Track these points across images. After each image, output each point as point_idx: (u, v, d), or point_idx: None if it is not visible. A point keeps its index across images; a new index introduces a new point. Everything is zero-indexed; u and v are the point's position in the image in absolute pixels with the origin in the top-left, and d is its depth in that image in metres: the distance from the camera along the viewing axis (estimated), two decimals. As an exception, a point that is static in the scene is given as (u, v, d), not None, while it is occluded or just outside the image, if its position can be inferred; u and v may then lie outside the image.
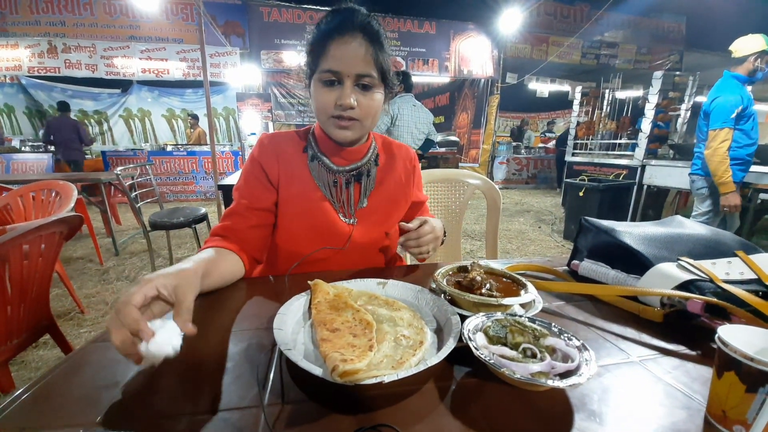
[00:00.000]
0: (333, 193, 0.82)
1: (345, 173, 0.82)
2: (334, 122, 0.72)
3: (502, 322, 0.48)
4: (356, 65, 0.68)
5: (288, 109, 7.28)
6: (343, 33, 0.68)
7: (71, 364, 0.47)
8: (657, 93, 3.68)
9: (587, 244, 0.78)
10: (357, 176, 0.83)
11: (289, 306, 0.56)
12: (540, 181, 8.23)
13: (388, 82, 0.75)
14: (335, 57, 0.68)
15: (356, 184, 0.83)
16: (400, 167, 0.90)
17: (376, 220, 0.85)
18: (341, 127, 0.73)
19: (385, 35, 0.72)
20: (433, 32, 7.26)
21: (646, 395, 0.42)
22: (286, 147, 0.82)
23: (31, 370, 1.60)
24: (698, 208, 2.52)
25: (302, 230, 0.81)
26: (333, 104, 0.70)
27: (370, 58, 0.69)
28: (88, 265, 2.90)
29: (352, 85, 0.70)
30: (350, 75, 0.69)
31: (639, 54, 8.28)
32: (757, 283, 0.59)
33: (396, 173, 0.89)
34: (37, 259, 1.10)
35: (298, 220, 0.81)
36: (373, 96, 0.73)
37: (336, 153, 0.81)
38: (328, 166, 0.81)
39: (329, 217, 0.81)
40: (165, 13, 5.98)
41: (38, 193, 2.05)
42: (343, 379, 0.38)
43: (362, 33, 0.68)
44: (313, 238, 0.80)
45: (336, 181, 0.81)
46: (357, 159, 0.83)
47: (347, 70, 0.68)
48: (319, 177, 0.81)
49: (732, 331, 0.38)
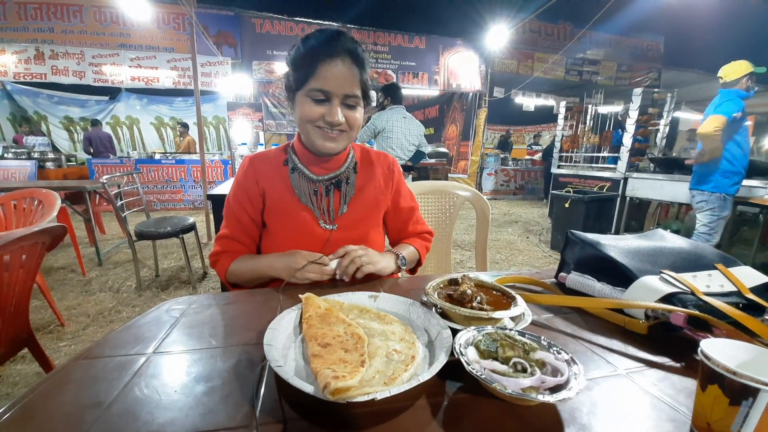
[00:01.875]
0: (313, 201, 0.85)
1: (324, 182, 0.86)
2: (320, 133, 0.78)
3: (493, 336, 0.49)
4: (344, 86, 0.75)
5: (279, 119, 7.29)
6: (333, 56, 0.73)
7: (54, 382, 0.45)
8: (637, 108, 3.82)
9: (574, 256, 0.80)
10: (336, 184, 0.87)
11: (280, 320, 0.56)
12: (527, 192, 8.38)
13: (368, 99, 0.82)
14: (325, 78, 0.73)
15: (336, 192, 0.87)
16: (379, 173, 0.94)
17: (356, 224, 0.88)
18: (330, 138, 0.79)
19: (367, 59, 0.80)
20: (422, 47, 7.42)
21: (634, 408, 0.42)
22: (266, 166, 0.88)
23: (8, 385, 1.53)
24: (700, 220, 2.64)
25: (284, 240, 0.85)
26: (319, 116, 0.76)
27: (356, 79, 0.76)
28: (70, 276, 2.81)
29: (339, 104, 0.76)
30: (338, 95, 0.75)
31: (620, 71, 8.61)
32: (737, 296, 0.61)
33: (375, 179, 0.93)
34: (17, 270, 1.06)
35: (280, 230, 0.85)
36: (357, 111, 0.80)
37: (315, 163, 0.86)
38: (308, 176, 0.85)
39: (309, 225, 0.84)
40: (156, 21, 5.96)
41: (20, 202, 1.99)
42: (335, 397, 0.38)
43: (350, 56, 0.75)
44: (294, 246, 0.83)
45: (316, 189, 0.86)
46: (335, 168, 0.87)
47: (336, 90, 0.74)
48: (299, 187, 0.85)
49: (714, 344, 0.39)
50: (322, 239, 0.85)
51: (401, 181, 0.99)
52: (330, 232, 0.86)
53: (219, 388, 0.44)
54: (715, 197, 2.49)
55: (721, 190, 2.46)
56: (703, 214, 2.60)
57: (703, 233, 2.59)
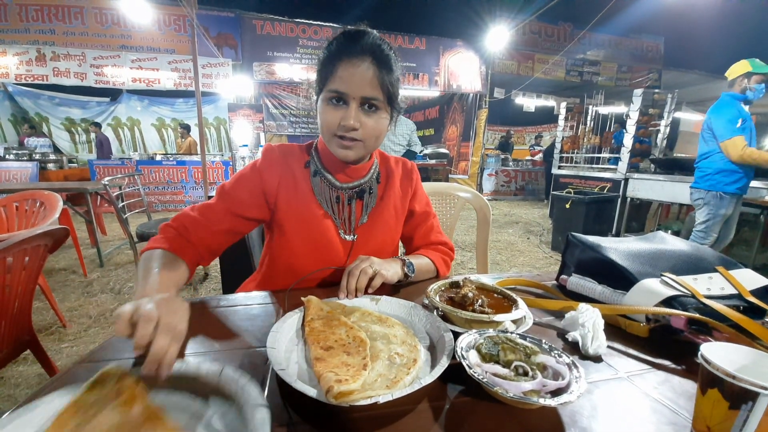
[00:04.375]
0: (335, 209, 0.81)
1: (348, 190, 0.82)
2: (337, 141, 0.72)
3: (495, 340, 0.49)
4: (363, 88, 0.68)
5: (280, 120, 7.31)
6: (352, 55, 0.68)
7: (57, 385, 0.45)
8: (637, 109, 3.82)
9: (574, 259, 0.80)
10: (359, 193, 0.83)
11: (282, 324, 0.56)
12: (528, 192, 8.38)
13: (394, 105, 0.75)
14: (342, 78, 0.68)
15: (358, 201, 0.83)
16: (398, 180, 0.90)
17: (376, 235, 0.85)
18: (343, 147, 0.73)
19: (396, 59, 0.72)
20: (423, 48, 7.43)
21: (634, 411, 0.43)
22: (290, 161, 0.82)
23: (10, 387, 1.54)
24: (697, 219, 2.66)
25: (302, 246, 0.80)
26: (337, 123, 0.70)
27: (376, 81, 0.69)
28: (71, 277, 2.81)
29: (357, 107, 0.70)
30: (356, 97, 0.69)
31: (620, 72, 8.61)
32: (738, 298, 0.61)
33: (395, 188, 0.89)
34: (20, 272, 1.07)
35: (298, 236, 0.80)
36: (378, 118, 0.72)
37: (340, 170, 0.81)
38: (331, 183, 0.81)
39: (329, 234, 0.81)
40: (157, 23, 5.99)
41: (22, 203, 2.00)
42: (338, 401, 0.38)
43: (371, 56, 0.68)
44: (313, 254, 0.80)
45: (339, 197, 0.81)
46: (360, 176, 0.83)
47: (353, 92, 0.68)
48: (321, 193, 0.81)
49: (715, 348, 0.39)
50: (341, 249, 0.82)
51: (419, 186, 0.94)
52: (351, 243, 0.83)
53: (222, 391, 0.44)
54: (712, 195, 2.52)
55: (717, 188, 2.49)
56: (700, 212, 2.63)
57: (698, 231, 2.61)
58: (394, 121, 0.80)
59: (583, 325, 0.56)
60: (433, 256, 0.89)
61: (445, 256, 0.92)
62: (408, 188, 0.91)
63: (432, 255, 0.89)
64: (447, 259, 0.93)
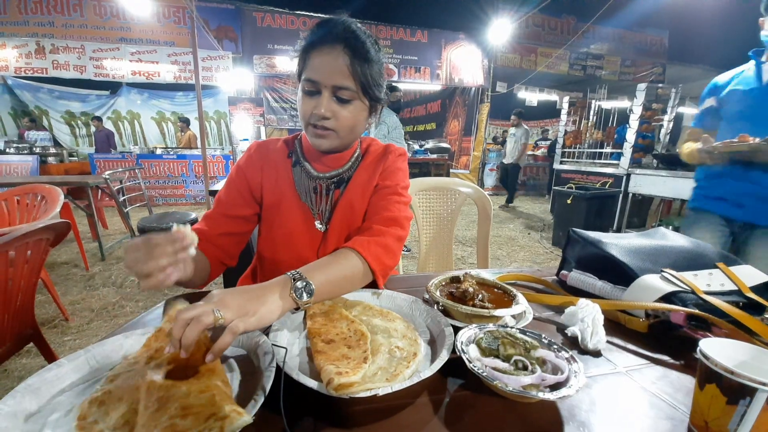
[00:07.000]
0: (312, 199, 0.81)
1: (325, 180, 0.81)
2: (311, 130, 0.72)
3: (495, 334, 0.50)
4: (333, 77, 0.67)
5: (280, 114, 7.27)
6: (324, 44, 0.67)
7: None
8: (641, 104, 3.79)
9: (575, 255, 0.80)
10: (337, 183, 0.82)
11: (285, 317, 0.56)
12: (529, 188, 8.36)
13: (371, 95, 0.72)
14: (314, 67, 0.68)
15: (336, 191, 0.83)
16: (372, 165, 0.85)
17: (343, 223, 0.82)
18: (317, 136, 0.72)
19: (374, 47, 0.70)
20: (425, 41, 7.36)
21: (633, 406, 0.43)
22: (272, 155, 0.83)
23: (14, 379, 1.55)
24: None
25: (280, 237, 0.81)
26: (311, 113, 0.70)
27: (347, 70, 0.67)
28: (73, 271, 2.83)
29: (330, 96, 0.69)
30: (327, 86, 0.68)
31: (624, 66, 8.53)
32: (737, 294, 0.61)
33: (367, 172, 0.84)
34: (22, 266, 1.07)
35: (277, 227, 0.81)
36: (352, 109, 0.71)
37: (318, 159, 0.81)
38: (309, 172, 0.81)
39: (305, 225, 0.81)
40: (157, 15, 5.94)
41: (23, 197, 2.00)
42: (338, 392, 0.39)
43: (343, 43, 0.67)
44: (288, 245, 0.81)
45: (316, 187, 0.81)
46: (338, 165, 0.82)
47: (324, 80, 0.68)
48: (300, 183, 0.81)
49: (713, 344, 0.39)
50: (314, 240, 0.82)
51: (394, 164, 0.84)
52: (322, 234, 0.82)
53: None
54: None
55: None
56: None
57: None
58: (378, 114, 0.78)
59: (582, 320, 0.56)
60: (366, 251, 0.67)
61: (386, 239, 0.72)
62: (378, 167, 0.83)
63: (365, 248, 0.67)
64: (390, 245, 0.72)
